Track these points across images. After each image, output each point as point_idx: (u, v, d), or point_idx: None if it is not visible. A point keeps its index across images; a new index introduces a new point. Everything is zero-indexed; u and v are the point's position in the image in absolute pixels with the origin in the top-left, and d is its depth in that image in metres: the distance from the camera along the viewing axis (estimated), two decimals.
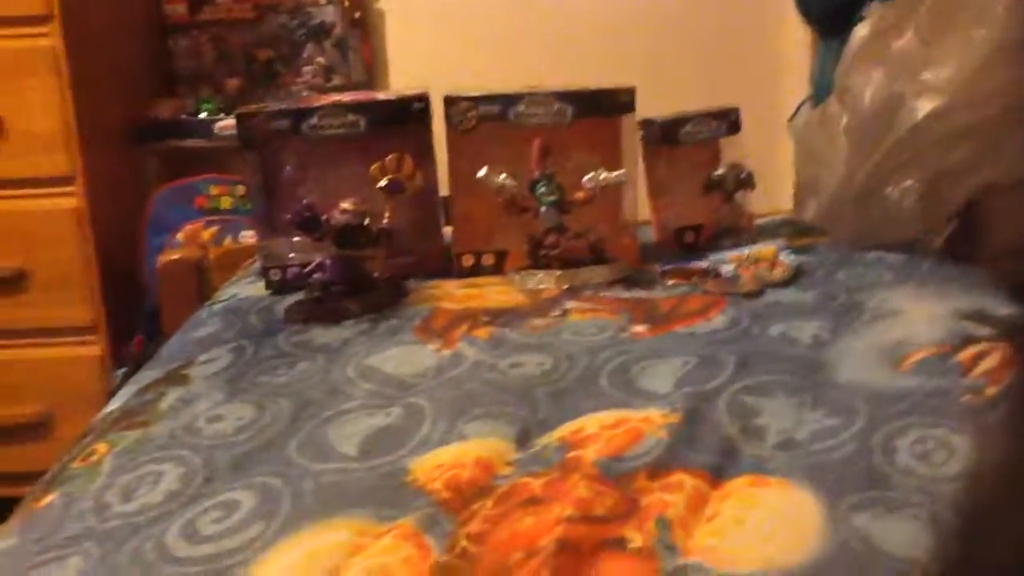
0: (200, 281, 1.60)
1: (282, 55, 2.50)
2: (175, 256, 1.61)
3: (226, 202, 2.14)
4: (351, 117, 1.18)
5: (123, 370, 1.94)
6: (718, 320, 0.98)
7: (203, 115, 2.32)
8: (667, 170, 1.30)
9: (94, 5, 2.14)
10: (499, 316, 1.04)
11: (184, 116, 2.30)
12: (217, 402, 0.89)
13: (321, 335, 1.03)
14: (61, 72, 2.02)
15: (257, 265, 1.26)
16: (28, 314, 2.04)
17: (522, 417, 0.79)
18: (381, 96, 1.28)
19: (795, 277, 1.11)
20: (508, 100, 1.19)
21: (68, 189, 2.05)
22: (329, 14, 2.49)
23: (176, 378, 0.96)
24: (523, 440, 0.76)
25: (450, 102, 1.19)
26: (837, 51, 2.18)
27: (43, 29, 2.01)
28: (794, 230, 1.31)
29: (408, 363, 0.93)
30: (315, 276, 1.10)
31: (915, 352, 0.86)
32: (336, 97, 1.23)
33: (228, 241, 2.07)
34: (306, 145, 1.20)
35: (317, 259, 1.10)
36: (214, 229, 2.10)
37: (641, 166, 1.27)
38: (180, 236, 2.09)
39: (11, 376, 2.05)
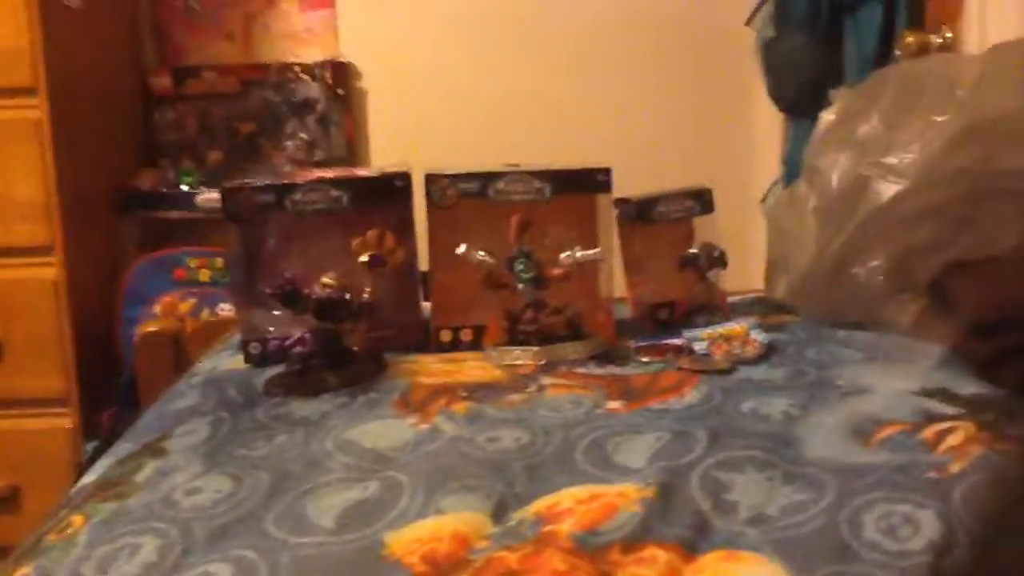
0: (177, 353, 1.61)
1: (265, 128, 2.54)
2: (153, 328, 1.62)
3: (204, 275, 2.16)
4: (334, 193, 1.21)
5: (93, 444, 1.94)
6: (691, 396, 1.00)
7: (184, 187, 2.35)
8: (642, 248, 1.33)
9: (81, 78, 2.17)
10: (476, 391, 1.06)
11: (165, 188, 2.33)
12: (195, 474, 0.89)
13: (300, 408, 1.04)
14: (44, 143, 2.06)
15: (236, 338, 1.28)
16: (1, 384, 2.04)
17: (498, 491, 0.81)
18: (364, 173, 1.31)
19: (766, 354, 1.13)
20: (487, 178, 1.22)
21: (47, 259, 2.06)
22: (312, 90, 2.54)
23: (154, 450, 0.97)
24: (499, 514, 0.77)
25: (431, 180, 1.23)
26: (807, 132, 2.25)
27: (29, 101, 2.05)
28: (765, 308, 1.34)
29: (386, 437, 0.94)
30: (295, 349, 1.11)
31: (882, 428, 0.89)
32: (319, 173, 1.26)
33: (205, 313, 2.09)
34: (289, 219, 1.22)
35: (297, 333, 1.12)
36: (192, 301, 2.11)
37: (616, 243, 1.30)
38: (157, 308, 2.10)
39: None
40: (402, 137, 2.47)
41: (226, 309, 2.06)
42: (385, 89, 2.56)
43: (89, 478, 0.95)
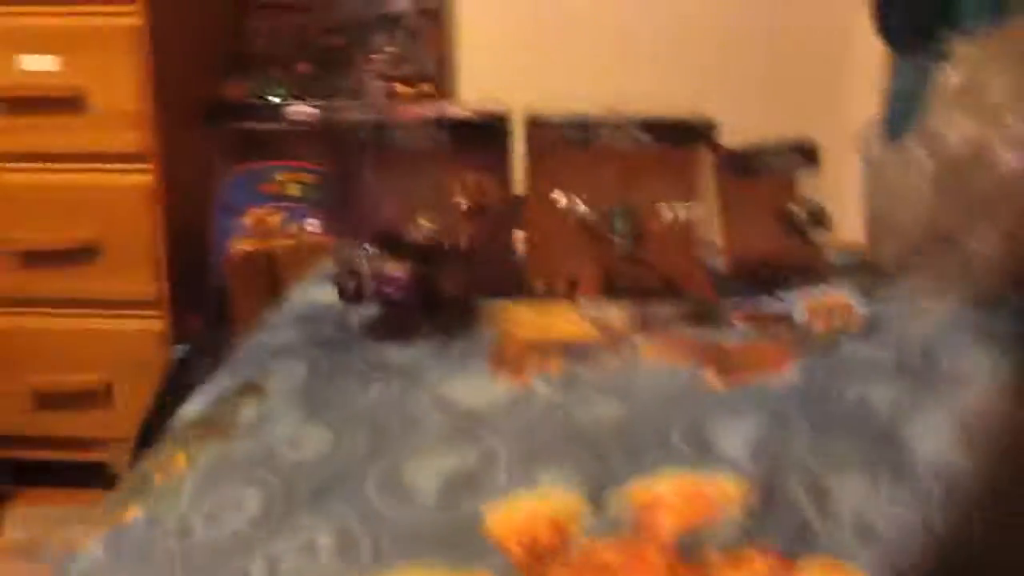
0: (269, 273, 1.62)
1: (353, 41, 2.50)
2: (247, 248, 1.63)
3: (293, 189, 2.16)
4: (434, 133, 1.18)
5: (184, 347, 1.98)
6: (791, 374, 0.98)
7: (273, 98, 2.33)
8: (740, 202, 1.28)
9: None
10: (570, 350, 1.04)
11: (254, 98, 2.32)
12: (296, 422, 0.90)
13: (394, 354, 1.04)
14: (143, 50, 2.05)
15: (329, 268, 1.27)
16: (95, 286, 2.08)
17: (595, 468, 0.80)
18: (463, 113, 1.28)
19: (870, 330, 1.09)
20: (590, 126, 1.18)
21: (143, 166, 2.08)
22: (402, 3, 2.49)
23: (253, 389, 0.98)
24: (595, 495, 0.76)
25: (533, 124, 1.19)
26: (915, 71, 2.15)
27: (127, 8, 2.04)
28: (868, 273, 1.29)
29: (481, 396, 0.94)
30: (389, 291, 1.10)
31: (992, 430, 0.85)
32: (418, 110, 1.23)
33: (294, 228, 2.09)
34: (388, 155, 1.20)
35: (393, 272, 1.11)
36: (281, 215, 2.12)
37: (714, 196, 1.26)
38: (247, 219, 2.11)
39: (76, 344, 2.10)
40: (492, 58, 2.42)
41: (313, 225, 2.07)
42: (477, 5, 2.49)
43: (192, 408, 0.96)
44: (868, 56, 2.24)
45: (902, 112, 2.15)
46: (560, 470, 0.80)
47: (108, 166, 2.04)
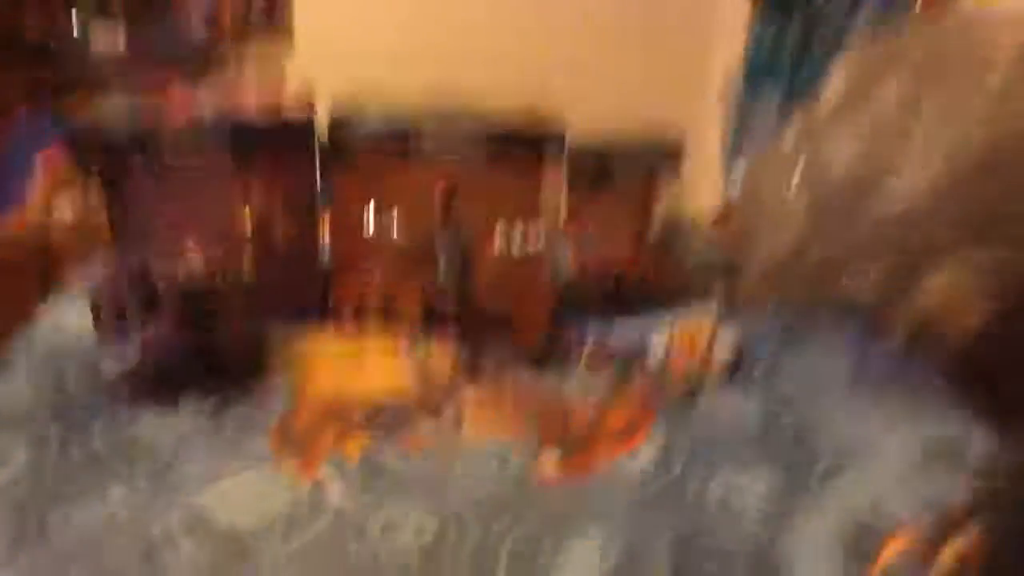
0: (42, 270, 1.30)
1: None
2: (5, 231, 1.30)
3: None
4: (212, 142, 0.89)
5: None
6: (645, 454, 0.76)
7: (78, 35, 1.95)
8: (594, 207, 1.05)
9: None
10: (378, 418, 0.79)
11: (57, 38, 1.93)
12: None
13: (151, 428, 0.77)
14: None
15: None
16: None
17: None
18: (252, 113, 0.97)
19: (733, 369, 0.89)
20: (410, 128, 0.91)
21: None
22: None
23: None
24: None
25: (337, 125, 0.91)
26: (777, 30, 1.95)
27: None
28: (732, 287, 1.08)
29: (251, 505, 0.68)
30: (145, 352, 0.83)
31: (885, 543, 0.66)
32: (194, 108, 0.93)
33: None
34: (156, 171, 0.90)
35: (147, 330, 0.83)
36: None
37: (564, 201, 1.02)
38: (39, 162, 1.72)
39: None
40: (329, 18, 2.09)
41: None
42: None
43: None
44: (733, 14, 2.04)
45: (758, 65, 1.97)
46: None
47: None
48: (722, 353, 0.90)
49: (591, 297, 1.04)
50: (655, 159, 1.04)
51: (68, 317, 0.97)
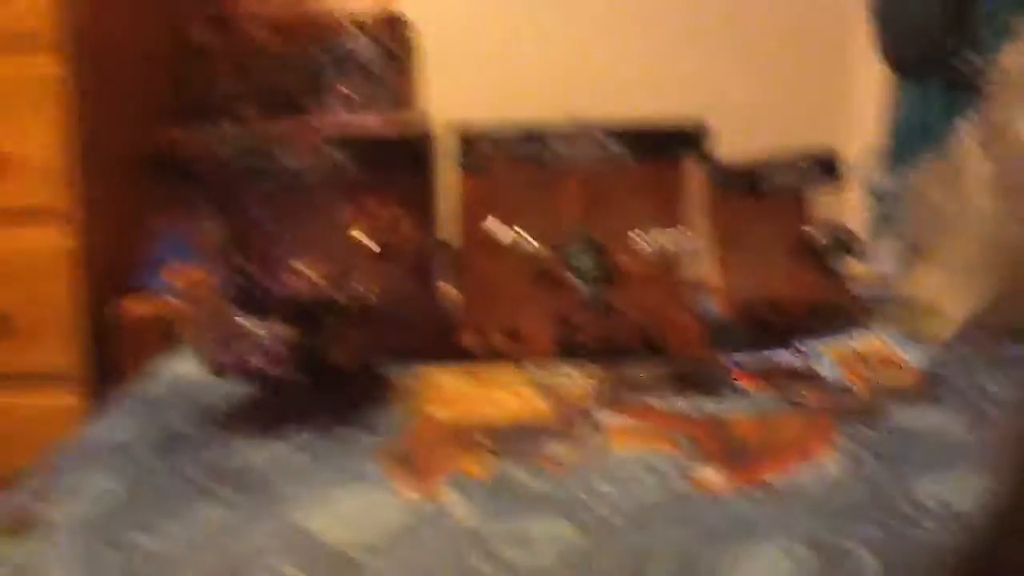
0: (169, 340, 1.26)
1: (310, 87, 2.18)
2: (140, 311, 1.28)
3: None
4: (333, 154, 0.83)
5: None
6: (832, 464, 0.61)
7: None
8: (742, 227, 0.93)
9: (105, 28, 1.84)
10: (504, 438, 0.68)
11: (196, 150, 1.98)
12: None
13: (247, 451, 0.68)
14: (63, 102, 1.72)
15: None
16: (9, 359, 1.73)
17: None
18: (375, 130, 0.93)
19: (928, 387, 0.73)
20: (541, 136, 0.83)
21: (63, 226, 1.74)
22: (362, 46, 2.17)
23: (27, 523, 0.61)
24: None
25: (464, 140, 0.84)
26: (923, 96, 1.81)
27: (45, 58, 1.72)
28: (903, 310, 0.93)
29: (360, 523, 0.57)
30: (255, 364, 0.74)
31: None
32: (315, 125, 0.88)
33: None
34: (274, 188, 0.86)
35: (261, 340, 0.75)
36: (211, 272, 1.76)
37: (707, 222, 0.91)
38: (168, 277, 1.75)
39: None
40: (459, 101, 2.09)
41: None
42: (443, 45, 2.17)
43: None
44: (868, 82, 1.93)
45: (908, 136, 1.82)
46: None
47: (24, 227, 1.71)
48: (910, 371, 0.76)
49: (744, 324, 0.91)
50: (810, 172, 0.92)
51: (183, 366, 0.91)
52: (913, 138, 1.79)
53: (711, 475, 0.60)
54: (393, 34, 2.13)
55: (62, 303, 1.72)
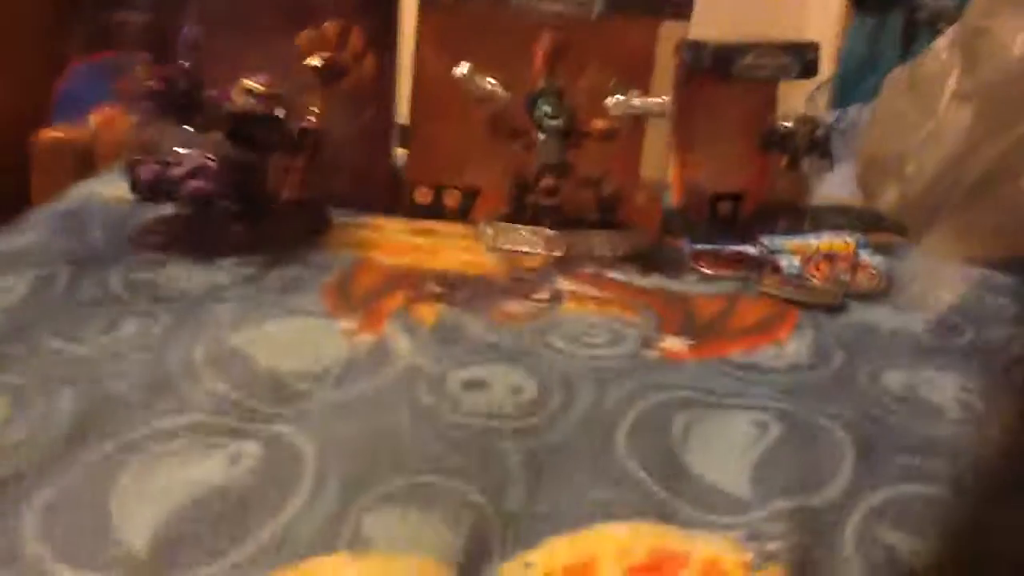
0: (83, 172, 1.17)
1: None
2: (56, 135, 1.18)
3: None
4: None
5: None
6: (794, 347, 0.59)
7: None
8: (708, 112, 0.89)
9: None
10: (456, 286, 0.64)
11: None
12: None
13: (180, 275, 0.62)
14: None
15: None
16: None
17: (475, 507, 0.40)
18: None
19: (888, 289, 0.72)
20: None
21: None
22: None
23: None
24: (476, 564, 0.36)
25: None
26: (874, 28, 1.78)
27: None
28: (862, 222, 0.91)
29: (298, 351, 0.53)
30: (190, 183, 0.68)
31: None
32: None
33: (151, 132, 1.63)
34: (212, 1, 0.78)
35: (194, 155, 0.68)
36: (135, 118, 1.64)
37: (672, 100, 0.86)
38: (93, 119, 1.63)
39: None
40: None
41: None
42: None
43: None
44: (824, 15, 1.90)
45: (854, 65, 1.80)
46: (411, 511, 0.39)
47: None
48: (873, 273, 0.74)
49: (701, 214, 0.88)
50: (787, 61, 0.88)
51: (103, 188, 0.83)
52: (862, 74, 1.77)
53: (675, 344, 0.57)
54: None
55: None
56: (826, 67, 1.83)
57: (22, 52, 1.66)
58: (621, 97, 0.73)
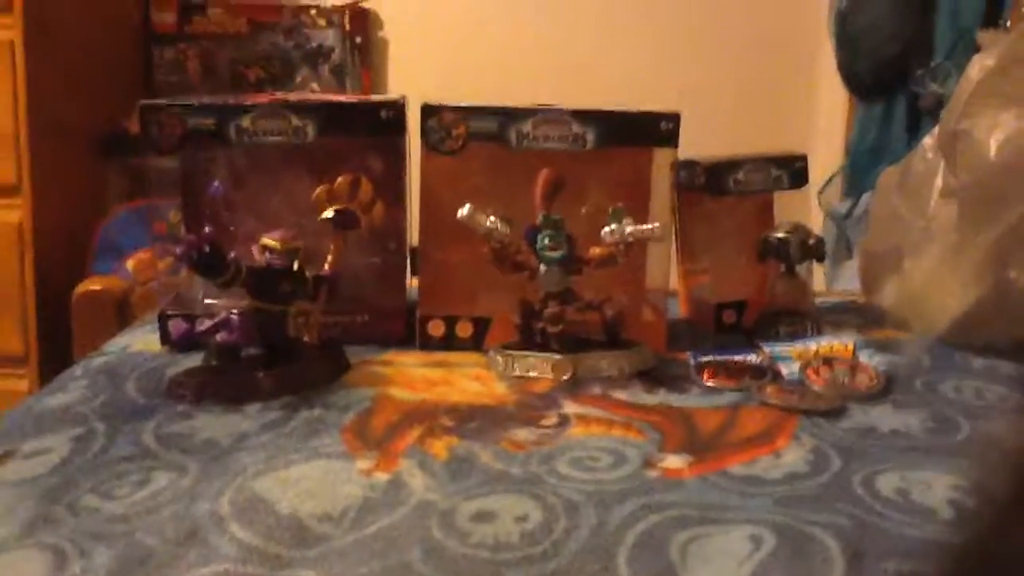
0: (122, 319, 1.23)
1: (273, 76, 2.15)
2: (95, 287, 1.25)
3: None
4: (296, 122, 0.82)
5: None
6: (792, 455, 0.61)
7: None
8: (708, 227, 0.94)
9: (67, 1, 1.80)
10: (467, 419, 0.67)
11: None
12: (2, 540, 0.51)
13: (208, 425, 0.66)
14: (16, 68, 1.68)
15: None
16: None
17: None
18: (340, 99, 0.92)
19: (886, 388, 0.74)
20: (510, 117, 0.83)
21: (12, 200, 1.70)
22: (328, 37, 2.15)
23: None
24: None
25: (429, 113, 0.83)
26: (881, 117, 1.82)
27: (2, 19, 1.68)
28: (863, 319, 0.94)
29: (318, 493, 0.56)
30: (217, 336, 0.72)
31: None
32: (279, 95, 0.86)
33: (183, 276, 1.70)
34: (235, 154, 0.84)
35: (220, 310, 0.74)
36: (170, 260, 1.73)
37: (670, 218, 0.91)
38: (130, 263, 1.71)
39: None
40: (426, 93, 2.07)
41: None
42: (407, 37, 2.16)
43: None
44: (832, 105, 1.96)
45: (862, 156, 1.83)
46: None
47: None
48: (871, 373, 0.76)
49: (705, 324, 0.91)
50: (777, 174, 0.92)
51: (136, 340, 0.88)
52: (872, 161, 1.81)
53: (675, 462, 0.60)
54: (359, 25, 2.12)
55: (13, 283, 1.68)
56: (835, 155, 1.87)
57: (65, 200, 1.76)
58: (615, 226, 0.77)
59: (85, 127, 1.89)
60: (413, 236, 0.87)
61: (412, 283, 0.89)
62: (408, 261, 0.87)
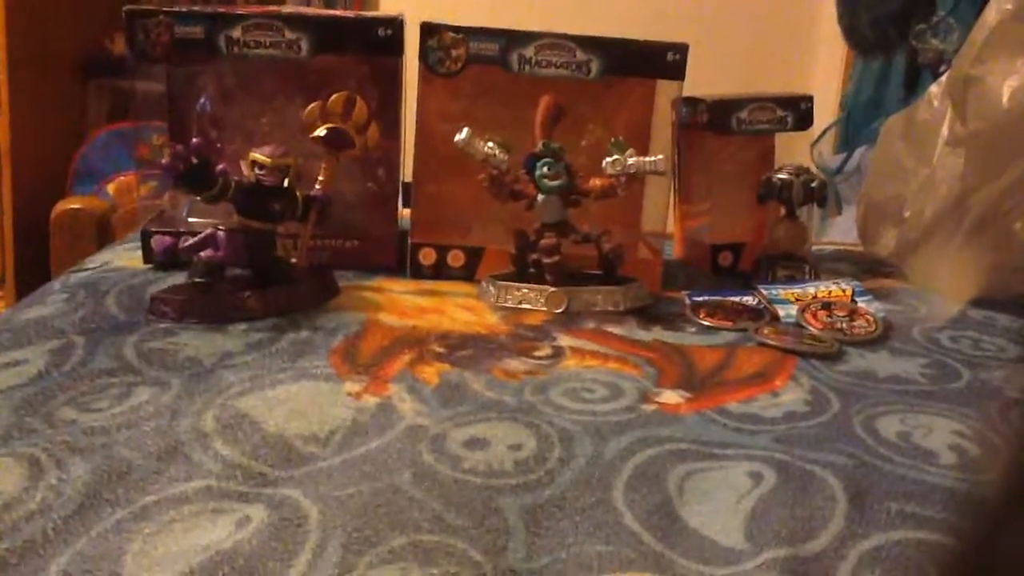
0: (101, 240, 1.20)
1: None
2: (74, 205, 1.21)
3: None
4: (289, 35, 0.78)
5: None
6: (790, 395, 0.60)
7: None
8: (708, 166, 0.91)
9: None
10: (458, 346, 0.65)
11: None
12: None
13: (192, 342, 0.64)
14: None
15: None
16: None
17: (475, 565, 0.40)
18: (336, 13, 0.88)
19: (885, 335, 0.72)
20: (512, 40, 0.79)
21: None
22: None
23: None
24: None
25: (429, 31, 0.79)
26: (879, 72, 1.79)
27: None
28: (860, 267, 0.92)
29: (306, 414, 0.54)
30: (202, 253, 0.70)
31: None
32: (272, 8, 0.83)
33: (167, 199, 1.66)
34: (225, 67, 0.81)
35: (206, 227, 0.71)
36: (153, 184, 1.68)
37: (670, 154, 0.88)
38: (111, 187, 1.67)
39: None
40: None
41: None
42: None
43: None
44: (830, 58, 1.93)
45: (860, 111, 1.81)
46: (411, 574, 0.40)
47: None
48: (870, 320, 0.74)
49: (700, 264, 0.89)
50: (782, 115, 0.90)
51: (118, 256, 0.85)
52: (868, 117, 1.78)
53: (672, 397, 0.58)
54: None
55: None
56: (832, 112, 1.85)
57: (45, 122, 1.71)
58: (617, 157, 0.75)
59: (65, 48, 1.83)
60: (407, 170, 0.84)
61: (404, 214, 0.87)
62: (399, 188, 0.84)
